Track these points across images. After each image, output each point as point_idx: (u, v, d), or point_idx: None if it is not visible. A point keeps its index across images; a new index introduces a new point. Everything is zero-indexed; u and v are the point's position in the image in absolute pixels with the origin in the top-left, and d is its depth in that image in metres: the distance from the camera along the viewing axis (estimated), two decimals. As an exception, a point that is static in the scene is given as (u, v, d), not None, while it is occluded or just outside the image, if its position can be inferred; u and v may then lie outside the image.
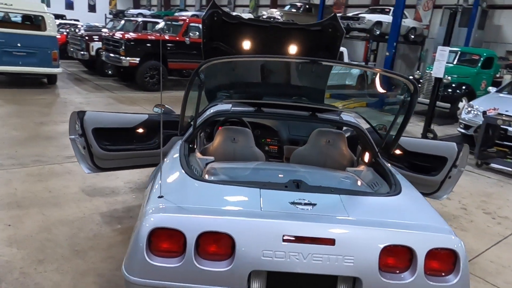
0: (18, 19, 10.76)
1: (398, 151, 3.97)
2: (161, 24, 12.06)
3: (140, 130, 3.73)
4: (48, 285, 2.65)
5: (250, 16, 22.85)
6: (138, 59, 9.89)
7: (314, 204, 1.99)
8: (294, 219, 1.85)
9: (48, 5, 34.88)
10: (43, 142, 5.55)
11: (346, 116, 3.10)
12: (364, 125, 3.22)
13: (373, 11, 16.12)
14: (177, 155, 2.56)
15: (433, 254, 1.86)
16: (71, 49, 12.24)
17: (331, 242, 1.78)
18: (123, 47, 9.72)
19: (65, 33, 14.67)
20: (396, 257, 1.85)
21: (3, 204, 3.68)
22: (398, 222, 1.94)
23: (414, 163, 3.91)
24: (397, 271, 1.85)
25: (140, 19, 14.00)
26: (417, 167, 3.88)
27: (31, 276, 2.72)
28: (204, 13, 4.99)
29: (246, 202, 1.96)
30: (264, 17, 19.60)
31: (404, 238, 1.84)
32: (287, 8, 19.22)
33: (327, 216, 1.90)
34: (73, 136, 3.49)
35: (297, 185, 2.19)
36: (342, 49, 15.16)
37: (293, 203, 1.98)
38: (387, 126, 3.56)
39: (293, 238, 1.77)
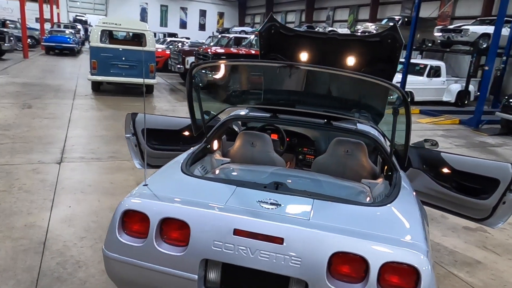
0: (124, 35, 12.42)
1: (445, 170, 3.66)
2: (250, 38, 12.73)
3: (186, 133, 4.08)
4: (80, 258, 3.09)
5: (347, 31, 22.59)
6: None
7: (280, 205, 2.02)
8: (249, 215, 1.91)
9: (166, 25, 39.34)
10: (123, 141, 6.32)
11: (363, 126, 3.00)
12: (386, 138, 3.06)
13: (482, 23, 14.66)
14: (188, 153, 2.79)
15: (391, 268, 1.74)
16: (171, 63, 13.62)
17: (279, 241, 1.80)
18: (210, 61, 10.53)
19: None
20: (350, 266, 1.78)
21: (72, 189, 4.35)
22: (359, 230, 1.86)
23: (462, 183, 3.57)
24: (349, 280, 1.78)
25: (232, 35, 14.93)
26: (466, 188, 3.53)
27: (69, 249, 3.19)
28: (261, 26, 5.25)
29: (215, 196, 2.08)
30: (359, 32, 19.18)
31: (356, 247, 1.76)
32: (384, 22, 18.54)
33: (284, 216, 1.92)
34: (128, 135, 3.99)
35: (276, 187, 2.23)
36: (439, 63, 14.15)
37: (260, 201, 2.04)
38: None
39: (243, 233, 1.83)
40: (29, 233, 3.39)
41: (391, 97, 2.54)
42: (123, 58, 10.15)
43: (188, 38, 29.50)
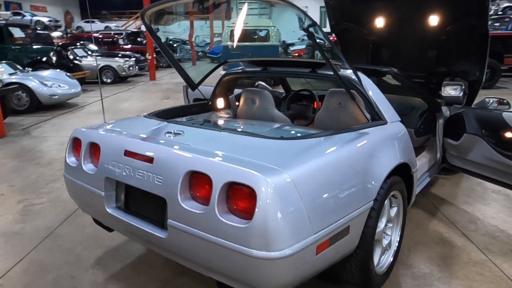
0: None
1: (509, 135, 2.90)
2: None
3: (236, 103, 4.34)
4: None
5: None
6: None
7: (182, 134, 2.08)
8: (138, 138, 2.04)
9: (324, 25, 39.87)
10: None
11: (346, 72, 2.62)
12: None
13: None
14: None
15: (235, 189, 1.61)
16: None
17: (150, 160, 1.87)
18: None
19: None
20: (202, 186, 1.71)
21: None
22: (221, 153, 1.76)
23: None
24: (201, 202, 1.71)
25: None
26: None
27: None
28: (328, -4, 5.05)
29: (140, 128, 2.28)
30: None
31: (203, 165, 1.68)
32: None
33: (168, 140, 1.97)
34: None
35: (202, 124, 2.27)
36: None
37: (168, 132, 2.14)
38: None
39: (130, 154, 1.97)
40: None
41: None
42: (249, 54, 10.95)
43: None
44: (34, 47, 11.45)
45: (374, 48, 5.05)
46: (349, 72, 2.57)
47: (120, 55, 14.55)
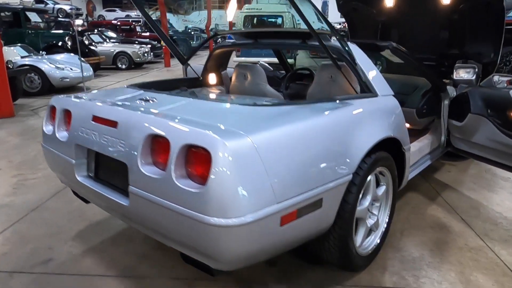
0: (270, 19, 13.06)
1: None
2: None
3: None
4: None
5: None
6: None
7: (152, 102, 1.98)
8: (108, 104, 1.95)
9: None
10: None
11: (336, 42, 2.45)
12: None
13: None
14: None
15: (193, 153, 1.50)
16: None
17: (114, 124, 1.78)
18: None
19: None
20: (163, 150, 1.61)
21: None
22: (184, 117, 1.66)
23: None
24: (159, 166, 1.61)
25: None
26: None
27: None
28: (335, -28, 4.85)
29: (114, 96, 2.19)
30: None
31: (162, 128, 1.58)
32: None
33: (136, 106, 1.88)
34: None
35: (178, 92, 2.18)
36: None
37: (140, 99, 2.05)
38: None
39: (97, 119, 1.89)
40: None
41: None
42: (262, 40, 10.77)
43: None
44: (51, 31, 11.61)
45: (383, 29, 4.83)
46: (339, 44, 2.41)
47: (137, 42, 14.63)
